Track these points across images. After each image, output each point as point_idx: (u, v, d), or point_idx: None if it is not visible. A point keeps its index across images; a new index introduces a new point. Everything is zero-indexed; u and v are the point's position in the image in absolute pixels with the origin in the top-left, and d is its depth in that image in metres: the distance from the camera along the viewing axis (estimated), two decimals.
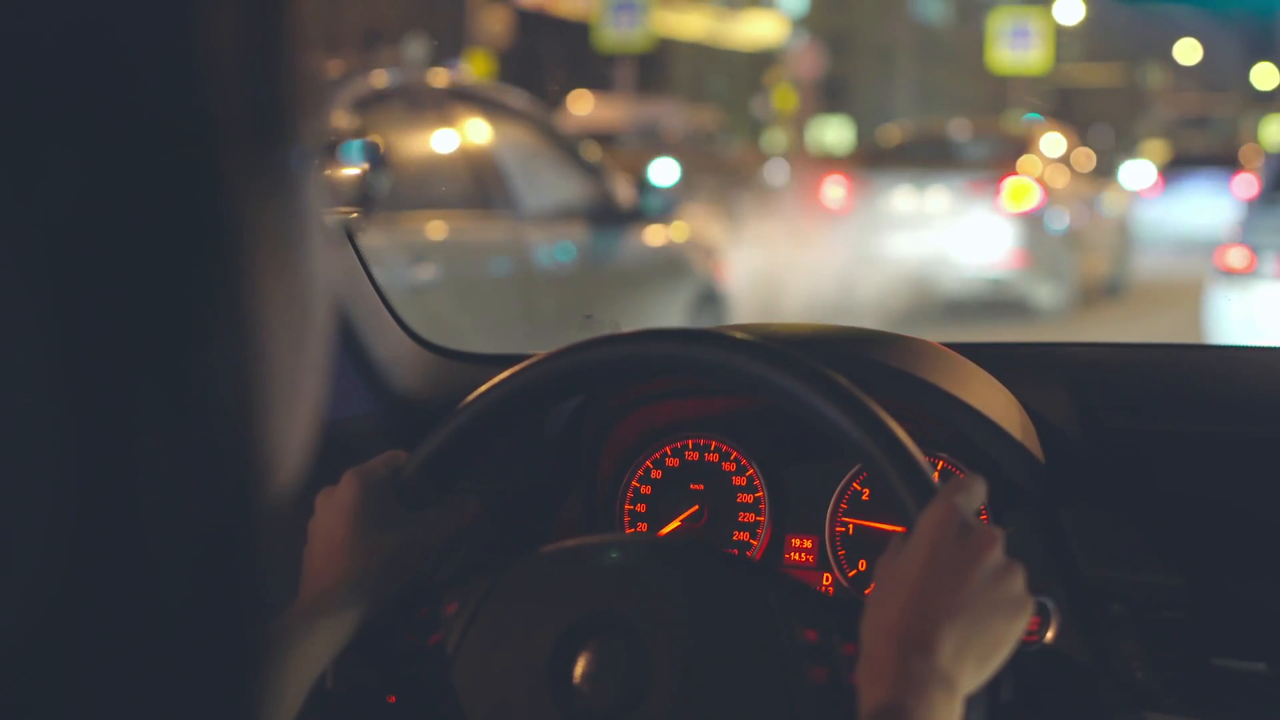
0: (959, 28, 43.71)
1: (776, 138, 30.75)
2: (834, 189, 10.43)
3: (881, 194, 10.12)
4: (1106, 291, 11.02)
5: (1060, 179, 10.50)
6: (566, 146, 5.82)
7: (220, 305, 0.39)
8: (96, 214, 0.37)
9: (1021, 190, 9.74)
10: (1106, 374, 1.40)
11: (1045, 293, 9.84)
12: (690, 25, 31.10)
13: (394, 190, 4.32)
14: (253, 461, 0.41)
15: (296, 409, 0.44)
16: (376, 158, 1.02)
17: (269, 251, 0.41)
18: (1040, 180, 9.98)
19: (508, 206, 5.04)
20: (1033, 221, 9.73)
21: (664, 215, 6.01)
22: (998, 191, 9.74)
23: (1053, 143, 11.12)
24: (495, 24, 21.31)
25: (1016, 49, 20.97)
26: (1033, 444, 1.27)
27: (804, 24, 36.60)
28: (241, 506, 0.40)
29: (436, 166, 4.95)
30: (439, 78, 5.48)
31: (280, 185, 0.42)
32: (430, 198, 4.80)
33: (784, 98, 29.12)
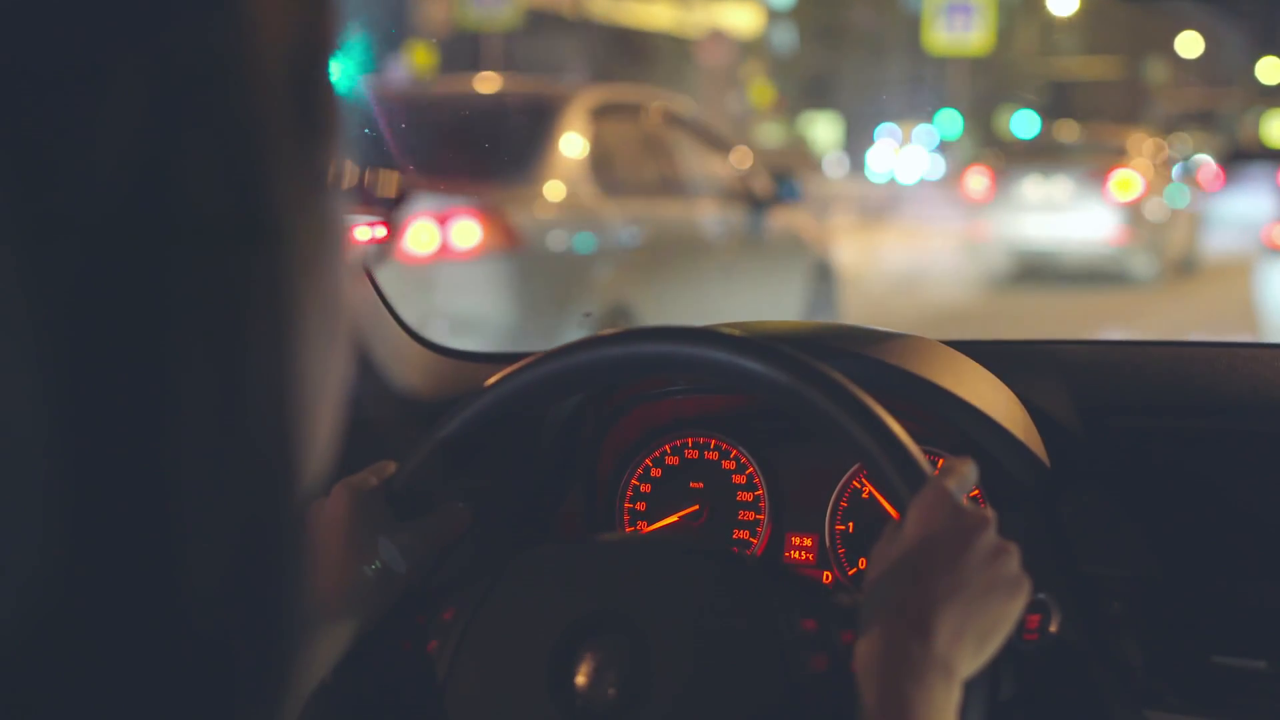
0: None
1: (767, 131, 30.54)
2: (978, 180, 13.72)
3: (1015, 185, 13.27)
4: (1184, 267, 13.80)
5: (1151, 172, 13.52)
6: (719, 145, 7.68)
7: (259, 307, 0.40)
8: (137, 214, 0.38)
9: (1126, 182, 12.88)
10: (1107, 371, 1.43)
11: (1141, 265, 12.75)
12: (657, 14, 30.58)
13: (614, 177, 6.41)
14: (288, 463, 0.42)
15: (325, 411, 0.46)
16: (402, 189, 1.05)
17: (306, 254, 0.43)
18: (1140, 173, 13.10)
19: (681, 191, 6.99)
20: (1134, 208, 12.80)
21: (794, 201, 7.76)
22: (1105, 183, 12.86)
23: (1143, 143, 14.26)
24: (436, 13, 20.94)
25: (954, 29, 19.63)
26: (1033, 441, 1.31)
27: (790, 17, 36.44)
28: (276, 508, 0.42)
29: (640, 160, 6.93)
30: (634, 93, 7.65)
31: (318, 188, 0.43)
32: (634, 184, 6.71)
33: (760, 93, 28.71)
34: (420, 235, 5.43)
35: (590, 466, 1.46)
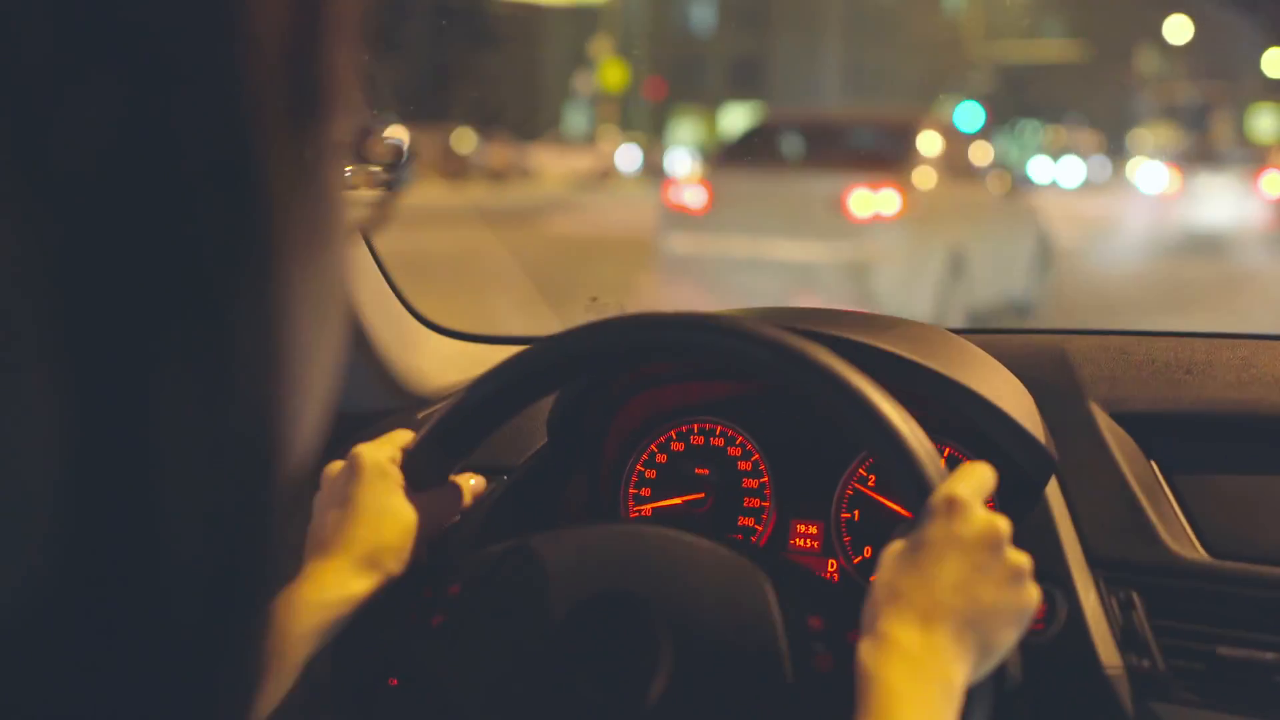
0: (896, 3, 44.01)
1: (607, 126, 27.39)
2: (1169, 179, 22.20)
3: (1195, 182, 20.72)
4: None
5: None
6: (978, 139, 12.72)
7: (249, 291, 0.44)
8: (128, 196, 0.41)
9: (1275, 181, 19.65)
10: (1116, 361, 1.56)
11: None
12: None
13: (950, 167, 10.71)
14: (271, 448, 0.46)
15: (313, 396, 0.49)
16: (400, 154, 1.18)
17: (299, 239, 0.46)
18: None
19: (972, 175, 11.49)
20: None
21: (1029, 186, 11.60)
22: (1257, 181, 19.85)
23: None
24: None
25: None
26: (1040, 431, 1.43)
27: None
28: (258, 492, 0.45)
29: (960, 156, 11.30)
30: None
31: (313, 172, 0.47)
32: (957, 172, 10.91)
33: (611, 74, 26.78)
34: (862, 201, 9.78)
35: (595, 451, 1.57)
